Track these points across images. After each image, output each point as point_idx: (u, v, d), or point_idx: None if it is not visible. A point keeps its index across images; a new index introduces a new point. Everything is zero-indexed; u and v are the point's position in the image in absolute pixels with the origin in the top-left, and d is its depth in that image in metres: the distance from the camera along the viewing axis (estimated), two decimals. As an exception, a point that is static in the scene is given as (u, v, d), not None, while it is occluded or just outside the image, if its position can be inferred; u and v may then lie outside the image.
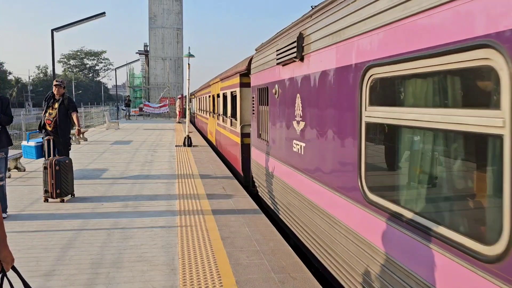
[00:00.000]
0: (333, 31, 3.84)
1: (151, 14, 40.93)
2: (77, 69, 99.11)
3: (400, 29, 2.71)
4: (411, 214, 2.62)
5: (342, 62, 3.65)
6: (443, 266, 2.30)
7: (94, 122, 29.53)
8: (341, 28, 3.66)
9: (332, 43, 3.87)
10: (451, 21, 2.23)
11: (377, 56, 2.99)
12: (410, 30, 2.60)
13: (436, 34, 2.34)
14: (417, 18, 2.53)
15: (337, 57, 3.75)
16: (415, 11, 2.53)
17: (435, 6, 2.34)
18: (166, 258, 4.58)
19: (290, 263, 4.48)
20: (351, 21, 3.44)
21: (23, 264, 4.38)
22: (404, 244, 2.68)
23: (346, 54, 3.54)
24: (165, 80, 40.74)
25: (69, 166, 7.28)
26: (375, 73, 3.05)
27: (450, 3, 2.23)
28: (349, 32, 3.50)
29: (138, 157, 12.65)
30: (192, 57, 15.95)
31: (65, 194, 7.11)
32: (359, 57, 3.30)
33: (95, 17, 15.52)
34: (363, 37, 3.23)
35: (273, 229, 5.65)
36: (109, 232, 5.47)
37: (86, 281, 3.98)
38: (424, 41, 2.45)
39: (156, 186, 8.44)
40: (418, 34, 2.52)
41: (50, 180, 6.93)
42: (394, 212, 2.80)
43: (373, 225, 3.07)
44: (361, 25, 3.26)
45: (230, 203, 7.01)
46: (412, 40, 2.57)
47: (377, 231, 3.01)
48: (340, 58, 3.68)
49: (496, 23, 1.94)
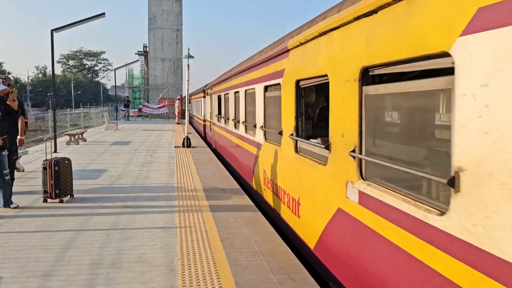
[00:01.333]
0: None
1: (150, 14, 40.94)
2: (76, 70, 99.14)
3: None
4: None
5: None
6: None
7: (93, 122, 29.51)
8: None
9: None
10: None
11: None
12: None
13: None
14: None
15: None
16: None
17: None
18: (166, 259, 4.59)
19: (289, 264, 4.49)
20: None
21: (22, 264, 4.39)
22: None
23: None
24: (164, 81, 40.76)
25: (68, 166, 7.27)
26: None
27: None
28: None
29: (137, 158, 12.65)
30: (192, 58, 15.98)
31: (64, 194, 7.10)
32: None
33: (95, 18, 15.50)
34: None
35: (272, 230, 5.66)
36: (108, 232, 5.47)
37: (86, 282, 3.98)
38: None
39: (155, 186, 8.44)
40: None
41: (49, 181, 6.93)
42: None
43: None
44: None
45: (229, 204, 7.01)
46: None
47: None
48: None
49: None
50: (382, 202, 3.15)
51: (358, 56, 3.49)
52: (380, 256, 3.19)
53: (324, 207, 4.31)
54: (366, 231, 3.39)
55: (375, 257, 3.27)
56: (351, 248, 3.68)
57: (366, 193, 3.41)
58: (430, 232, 2.58)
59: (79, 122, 27.53)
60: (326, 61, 4.24)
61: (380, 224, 3.16)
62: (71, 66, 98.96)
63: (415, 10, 2.71)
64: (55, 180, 6.93)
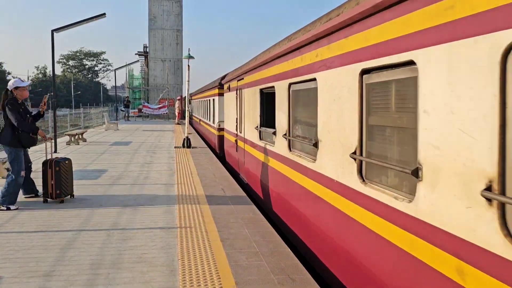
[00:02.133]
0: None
1: (151, 15, 40.98)
2: (76, 70, 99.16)
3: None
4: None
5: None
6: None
7: (93, 123, 29.50)
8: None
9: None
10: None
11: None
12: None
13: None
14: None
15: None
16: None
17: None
18: (166, 259, 4.59)
19: (289, 264, 4.49)
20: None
21: (22, 264, 4.39)
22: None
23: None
24: (164, 81, 40.77)
25: (69, 166, 7.26)
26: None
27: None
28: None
29: (137, 158, 12.66)
30: (192, 59, 15.99)
31: (65, 194, 7.10)
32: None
33: (95, 18, 15.52)
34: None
35: (272, 231, 5.66)
36: (108, 232, 5.48)
37: (86, 282, 3.98)
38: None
39: (156, 187, 8.44)
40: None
41: (50, 181, 6.92)
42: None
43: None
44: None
45: (229, 205, 7.01)
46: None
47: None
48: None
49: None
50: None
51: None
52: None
53: None
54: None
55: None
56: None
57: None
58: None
59: (79, 122, 27.55)
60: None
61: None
62: (71, 67, 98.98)
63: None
64: (56, 180, 6.92)
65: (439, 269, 2.61)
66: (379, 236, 3.29)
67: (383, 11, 3.18)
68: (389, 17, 3.10)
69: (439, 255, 2.61)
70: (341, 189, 4.04)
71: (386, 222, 3.20)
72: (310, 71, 4.89)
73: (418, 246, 2.82)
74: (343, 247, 3.99)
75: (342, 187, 4.00)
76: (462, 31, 2.35)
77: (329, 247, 4.39)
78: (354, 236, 3.75)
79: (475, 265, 2.31)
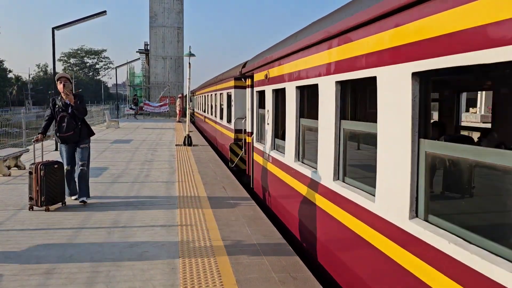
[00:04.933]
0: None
1: (151, 13, 40.88)
2: (77, 68, 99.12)
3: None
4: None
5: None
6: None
7: (94, 120, 29.51)
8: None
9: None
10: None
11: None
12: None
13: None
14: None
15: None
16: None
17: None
18: (166, 257, 4.58)
19: (290, 262, 4.48)
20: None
21: (23, 262, 4.39)
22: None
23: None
24: (165, 79, 40.71)
25: (58, 171, 6.47)
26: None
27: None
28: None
29: (138, 156, 12.65)
30: (193, 56, 15.95)
31: (52, 202, 6.33)
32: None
33: (96, 16, 15.49)
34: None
35: (274, 229, 5.65)
36: (109, 230, 5.47)
37: (87, 280, 3.98)
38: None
39: (156, 185, 8.44)
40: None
41: (35, 186, 6.19)
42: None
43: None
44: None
45: (230, 203, 7.00)
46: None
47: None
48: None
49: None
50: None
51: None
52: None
53: None
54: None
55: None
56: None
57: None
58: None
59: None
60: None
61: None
62: (72, 64, 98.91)
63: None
64: (41, 186, 6.18)
65: None
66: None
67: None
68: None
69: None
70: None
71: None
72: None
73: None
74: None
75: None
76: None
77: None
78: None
79: None
